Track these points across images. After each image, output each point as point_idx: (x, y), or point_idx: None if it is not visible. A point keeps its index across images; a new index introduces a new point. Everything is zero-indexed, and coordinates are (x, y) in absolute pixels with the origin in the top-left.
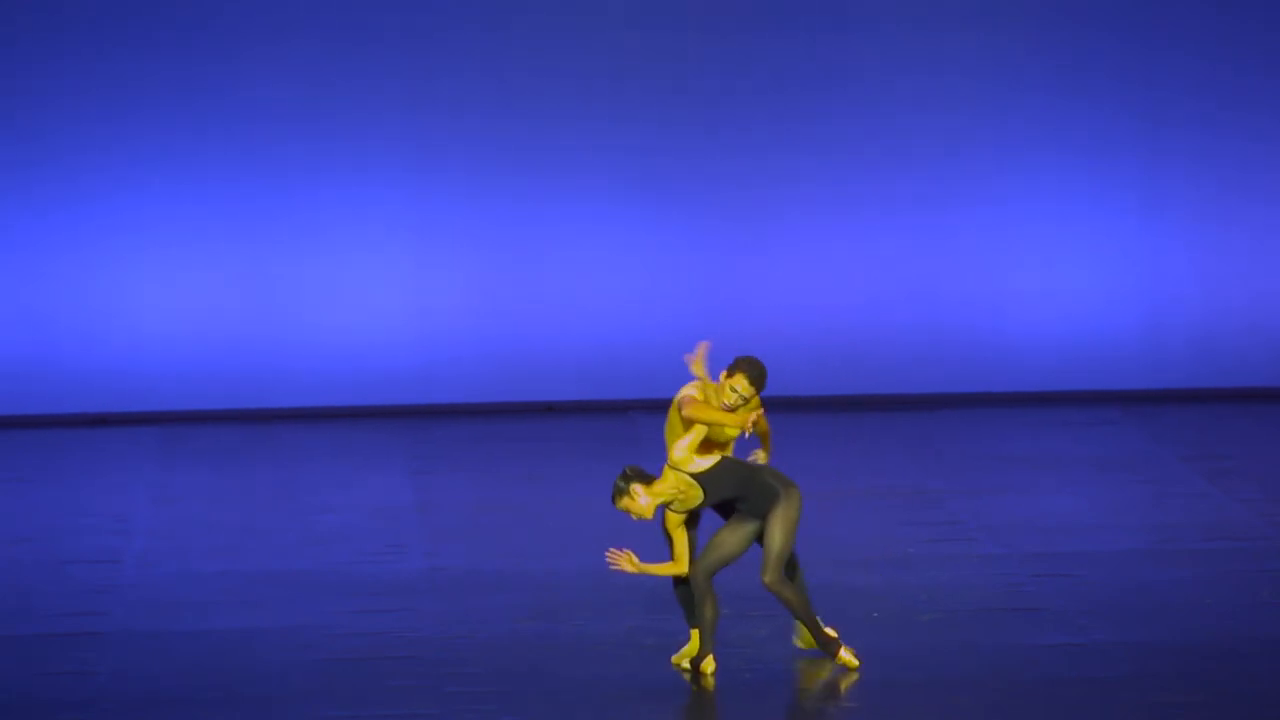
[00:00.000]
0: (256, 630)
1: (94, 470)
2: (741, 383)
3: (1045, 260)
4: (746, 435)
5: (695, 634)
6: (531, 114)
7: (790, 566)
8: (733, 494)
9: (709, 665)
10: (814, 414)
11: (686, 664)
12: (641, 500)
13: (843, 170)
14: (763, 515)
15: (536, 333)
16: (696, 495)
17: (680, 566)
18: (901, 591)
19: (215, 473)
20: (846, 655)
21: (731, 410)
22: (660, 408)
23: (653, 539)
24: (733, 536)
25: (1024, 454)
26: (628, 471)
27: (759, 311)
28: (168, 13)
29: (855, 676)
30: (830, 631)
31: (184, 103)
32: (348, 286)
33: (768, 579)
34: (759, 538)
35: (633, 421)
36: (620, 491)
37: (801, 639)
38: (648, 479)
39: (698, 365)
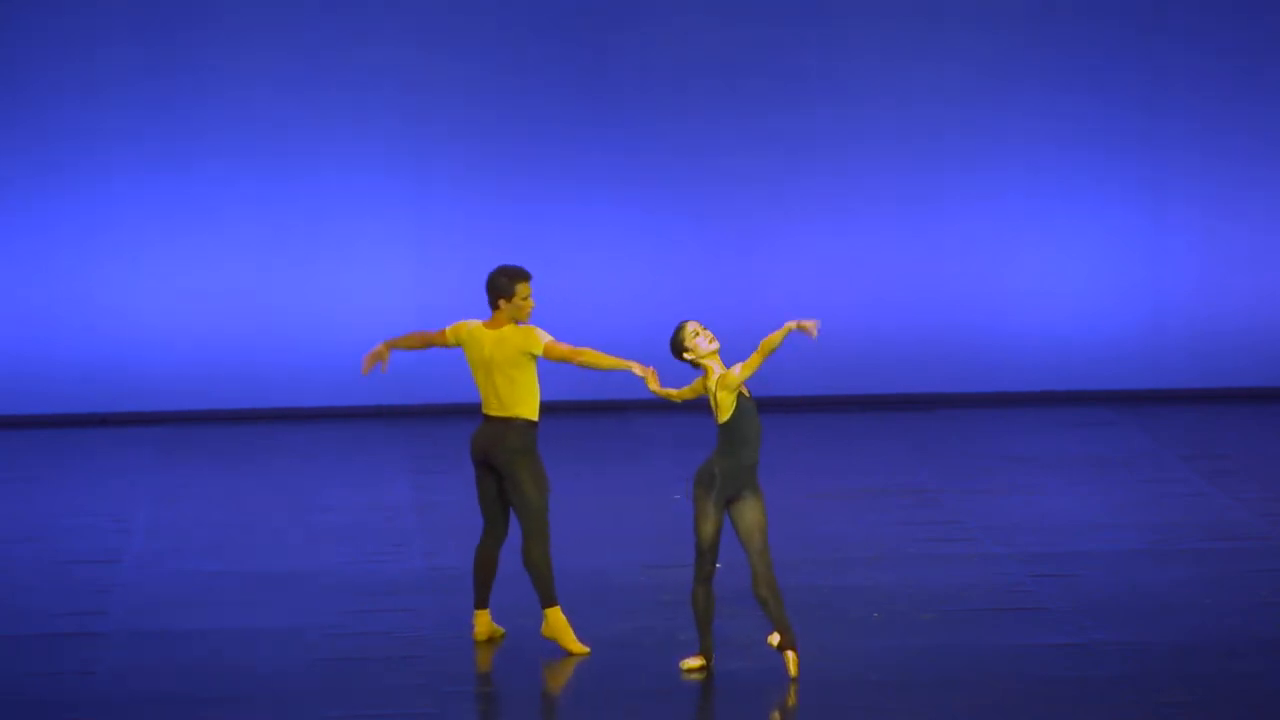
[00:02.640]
0: (256, 630)
1: (94, 470)
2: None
3: (1045, 260)
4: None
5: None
6: (530, 114)
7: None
8: (749, 431)
9: (699, 661)
10: (814, 414)
11: (692, 663)
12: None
13: (842, 169)
14: (738, 490)
15: None
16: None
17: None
18: (901, 591)
19: (215, 473)
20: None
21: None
22: (658, 408)
23: (655, 541)
24: (708, 524)
25: (1024, 454)
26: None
27: (759, 311)
28: (168, 8)
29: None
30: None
31: (184, 102)
32: (348, 286)
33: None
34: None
35: (631, 421)
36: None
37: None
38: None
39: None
